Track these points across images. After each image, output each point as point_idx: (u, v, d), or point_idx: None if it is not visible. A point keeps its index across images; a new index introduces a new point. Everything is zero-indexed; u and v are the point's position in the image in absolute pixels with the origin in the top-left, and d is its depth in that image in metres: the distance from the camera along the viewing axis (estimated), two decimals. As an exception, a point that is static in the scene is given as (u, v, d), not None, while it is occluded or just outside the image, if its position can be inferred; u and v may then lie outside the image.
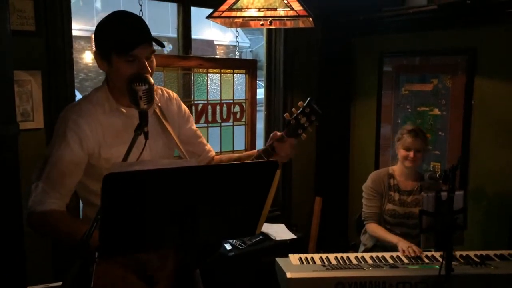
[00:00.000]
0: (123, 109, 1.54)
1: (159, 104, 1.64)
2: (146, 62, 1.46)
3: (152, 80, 1.42)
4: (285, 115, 1.64)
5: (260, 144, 3.58)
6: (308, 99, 1.63)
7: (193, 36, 3.13)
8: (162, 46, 1.55)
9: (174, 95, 1.75)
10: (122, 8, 1.62)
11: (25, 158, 1.82)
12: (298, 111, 1.61)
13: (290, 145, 1.60)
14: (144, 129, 1.37)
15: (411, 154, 2.59)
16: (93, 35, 1.59)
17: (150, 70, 1.46)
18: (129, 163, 1.29)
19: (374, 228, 2.65)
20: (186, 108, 1.78)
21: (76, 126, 1.47)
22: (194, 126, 1.79)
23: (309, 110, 1.61)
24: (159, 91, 1.70)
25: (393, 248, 2.48)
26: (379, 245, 2.63)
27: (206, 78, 3.11)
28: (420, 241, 2.44)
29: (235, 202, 1.26)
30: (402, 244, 2.41)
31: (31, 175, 1.46)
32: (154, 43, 1.48)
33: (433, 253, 2.35)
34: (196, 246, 1.42)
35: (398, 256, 2.33)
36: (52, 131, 1.55)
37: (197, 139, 1.79)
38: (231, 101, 3.24)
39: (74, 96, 2.57)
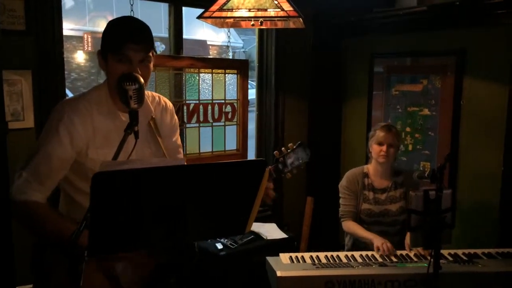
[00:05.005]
0: (119, 113, 1.55)
1: (154, 116, 1.65)
2: (139, 66, 1.47)
3: (142, 80, 1.43)
4: (274, 152, 1.70)
5: (251, 144, 3.59)
6: (298, 142, 1.69)
7: (186, 36, 3.13)
8: (154, 51, 1.56)
9: (170, 105, 1.76)
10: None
11: (15, 158, 1.81)
12: (288, 151, 1.68)
13: (268, 188, 1.58)
14: (134, 129, 1.38)
15: (383, 148, 2.59)
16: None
17: (139, 72, 1.47)
18: (118, 162, 1.29)
19: (349, 225, 2.65)
20: (177, 120, 1.79)
21: (70, 122, 1.48)
22: (179, 140, 1.80)
23: (298, 153, 1.68)
24: (156, 99, 1.71)
25: (368, 245, 2.48)
26: (357, 244, 2.64)
27: (197, 78, 3.11)
28: (398, 239, 2.47)
29: (224, 200, 1.28)
30: (377, 241, 2.41)
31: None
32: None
33: (421, 251, 2.37)
34: (174, 250, 1.42)
35: (387, 255, 2.35)
36: (42, 131, 1.55)
37: (176, 154, 1.78)
38: (223, 101, 3.25)
39: (65, 95, 2.56)
